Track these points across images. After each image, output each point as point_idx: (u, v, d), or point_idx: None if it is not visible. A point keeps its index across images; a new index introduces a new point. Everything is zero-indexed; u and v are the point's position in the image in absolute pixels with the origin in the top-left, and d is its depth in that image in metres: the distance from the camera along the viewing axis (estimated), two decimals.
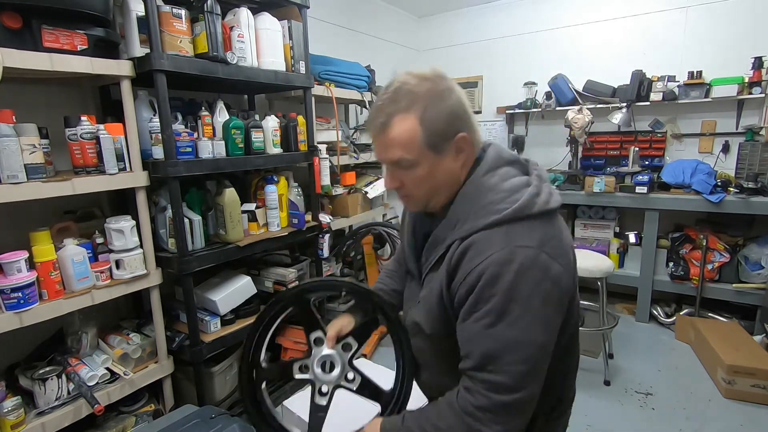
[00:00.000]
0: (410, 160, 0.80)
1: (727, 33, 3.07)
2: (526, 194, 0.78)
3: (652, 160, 3.36)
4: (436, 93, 0.78)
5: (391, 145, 0.80)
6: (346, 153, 2.80)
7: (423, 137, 0.78)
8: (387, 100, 0.79)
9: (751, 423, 2.11)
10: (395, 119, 0.78)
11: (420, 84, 0.78)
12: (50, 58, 1.42)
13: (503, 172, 0.83)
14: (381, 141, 0.81)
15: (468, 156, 0.83)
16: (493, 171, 0.82)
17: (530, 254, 0.73)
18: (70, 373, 1.60)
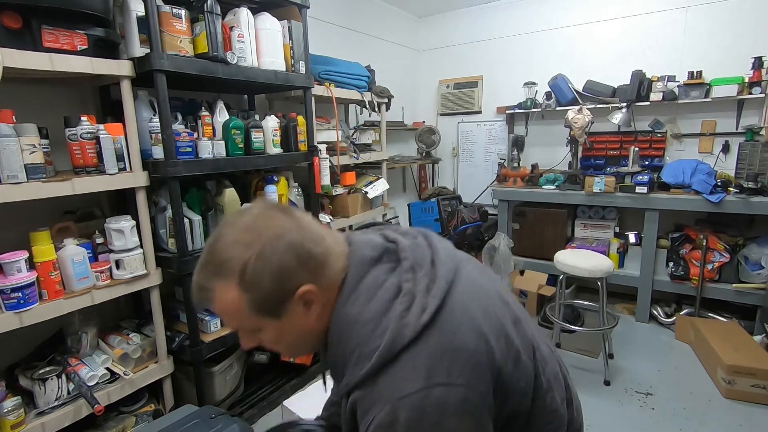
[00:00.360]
0: (250, 328, 0.70)
1: (727, 33, 3.07)
2: (394, 319, 0.63)
3: (652, 160, 3.36)
4: (257, 249, 0.64)
5: (222, 315, 0.69)
6: (346, 153, 2.80)
7: (251, 306, 0.65)
8: (203, 263, 0.67)
9: (751, 423, 2.11)
10: (215, 288, 0.66)
11: (238, 238, 0.65)
12: (50, 58, 1.42)
13: (368, 285, 0.68)
14: (213, 308, 0.68)
15: (325, 301, 0.69)
16: (355, 291, 0.68)
17: (416, 402, 0.59)
18: (70, 373, 1.61)
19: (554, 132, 3.77)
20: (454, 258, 0.74)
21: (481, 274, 0.78)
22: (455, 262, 0.73)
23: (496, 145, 4.17)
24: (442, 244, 0.77)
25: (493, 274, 0.91)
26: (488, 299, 0.72)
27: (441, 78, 4.40)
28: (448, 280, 0.68)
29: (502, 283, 0.88)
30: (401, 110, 4.15)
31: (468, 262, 0.79)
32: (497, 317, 0.70)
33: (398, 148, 4.23)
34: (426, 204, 3.49)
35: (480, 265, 0.83)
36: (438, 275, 0.68)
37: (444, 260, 0.71)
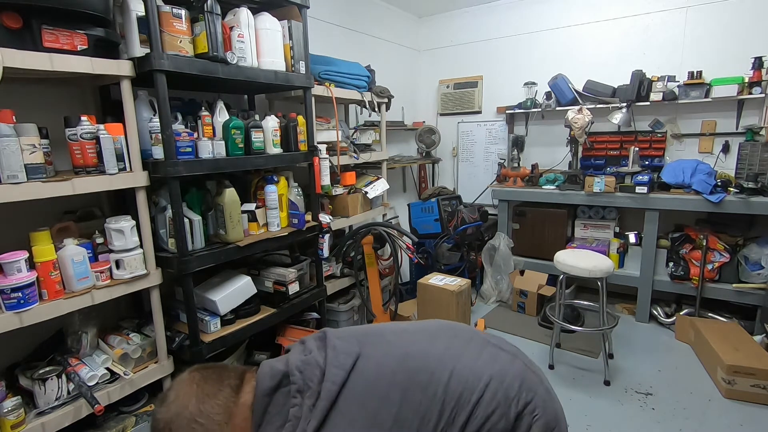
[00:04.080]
0: None
1: (727, 33, 3.07)
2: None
3: (652, 160, 3.36)
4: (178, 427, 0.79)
5: None
6: (346, 153, 2.80)
7: None
8: None
9: (751, 423, 2.11)
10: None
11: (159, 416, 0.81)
12: (50, 58, 1.42)
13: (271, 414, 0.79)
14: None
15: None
16: (261, 423, 0.80)
17: None
18: (70, 373, 1.61)
19: (554, 132, 3.77)
20: (351, 354, 0.83)
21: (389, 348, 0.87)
22: (352, 358, 0.83)
23: (496, 145, 4.18)
24: (337, 342, 0.86)
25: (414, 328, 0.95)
26: (386, 393, 0.79)
27: (441, 78, 4.40)
28: (331, 396, 0.77)
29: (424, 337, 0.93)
30: (401, 110, 4.15)
31: (377, 341, 0.89)
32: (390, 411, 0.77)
33: (398, 148, 4.23)
34: (426, 204, 3.49)
35: (397, 330, 0.93)
36: (323, 393, 0.77)
37: (332, 370, 0.80)
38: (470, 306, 2.64)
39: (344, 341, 0.87)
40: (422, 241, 3.41)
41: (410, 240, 2.93)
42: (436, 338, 0.92)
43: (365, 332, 0.94)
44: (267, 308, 2.24)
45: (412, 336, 0.92)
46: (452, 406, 0.80)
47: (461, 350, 0.89)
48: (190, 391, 0.82)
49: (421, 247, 3.39)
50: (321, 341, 0.89)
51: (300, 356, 0.85)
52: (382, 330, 0.96)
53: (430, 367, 0.84)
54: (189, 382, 0.84)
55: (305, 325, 2.47)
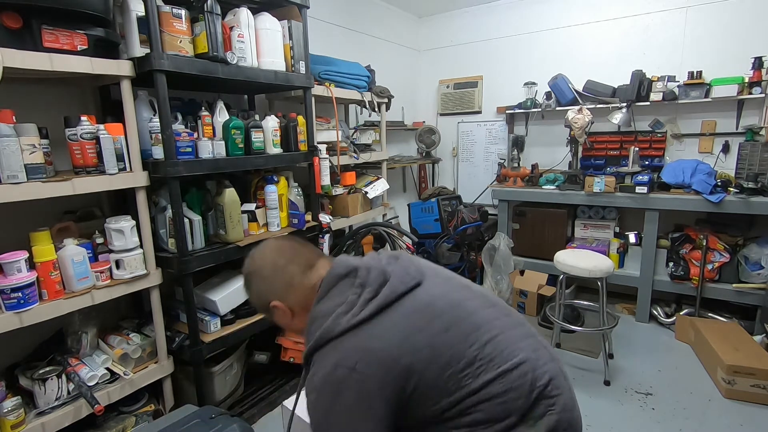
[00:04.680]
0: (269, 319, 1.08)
1: (727, 33, 3.07)
2: (332, 318, 0.89)
3: (652, 160, 3.35)
4: (250, 279, 1.06)
5: None
6: (346, 153, 2.80)
7: (257, 307, 1.08)
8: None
9: (751, 423, 2.11)
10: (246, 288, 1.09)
11: (245, 272, 1.07)
12: (50, 58, 1.42)
13: (333, 293, 0.95)
14: None
15: (297, 309, 1.02)
16: (324, 295, 0.97)
17: (325, 376, 0.85)
18: (70, 373, 1.61)
19: (554, 132, 3.77)
20: (416, 280, 0.95)
21: (449, 292, 0.97)
22: (415, 282, 0.95)
23: (496, 145, 4.18)
24: (410, 266, 0.99)
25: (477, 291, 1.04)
26: (429, 320, 0.89)
27: (441, 78, 4.40)
28: (387, 300, 0.90)
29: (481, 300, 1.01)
30: (401, 110, 4.15)
31: (443, 283, 1.00)
32: (420, 334, 0.87)
33: (398, 148, 4.23)
34: (426, 204, 3.49)
35: (462, 284, 1.03)
36: (380, 294, 0.90)
37: (395, 282, 0.93)
38: None
39: (413, 266, 0.99)
40: (422, 241, 3.41)
41: (410, 240, 2.93)
42: (490, 306, 0.99)
43: (435, 270, 1.05)
44: None
45: (472, 294, 1.00)
46: (481, 364, 0.87)
47: (508, 327, 0.95)
48: (277, 254, 1.04)
49: (421, 247, 3.39)
50: (394, 258, 1.02)
51: (372, 261, 0.99)
52: (449, 275, 1.06)
53: (476, 323, 0.92)
54: (278, 249, 1.06)
55: None
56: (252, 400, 2.25)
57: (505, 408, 0.86)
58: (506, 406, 0.86)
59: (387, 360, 0.84)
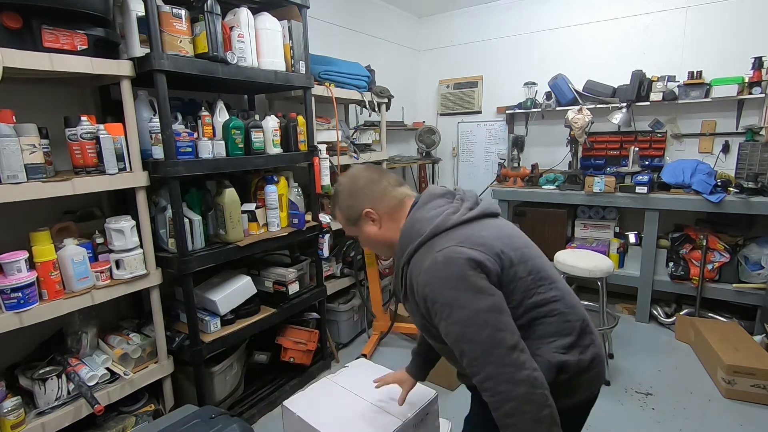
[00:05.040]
0: (353, 233, 1.17)
1: (727, 33, 3.07)
2: (442, 215, 1.00)
3: (652, 160, 3.36)
4: (343, 192, 1.13)
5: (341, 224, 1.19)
6: (346, 153, 2.80)
7: (345, 219, 1.15)
8: (331, 201, 1.20)
9: (751, 423, 2.11)
10: (335, 212, 1.18)
11: (339, 187, 1.15)
12: (50, 58, 1.42)
13: (431, 205, 1.05)
14: None
15: (387, 219, 1.10)
16: (422, 206, 1.06)
17: (447, 252, 0.93)
18: (70, 373, 1.61)
19: (554, 132, 3.77)
20: (492, 209, 1.09)
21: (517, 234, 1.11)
22: (493, 210, 1.09)
23: (496, 145, 4.18)
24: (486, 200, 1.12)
25: None
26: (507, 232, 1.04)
27: (441, 78, 4.40)
28: (485, 210, 1.05)
29: None
30: (401, 110, 4.15)
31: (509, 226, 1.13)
32: (509, 240, 1.01)
33: (398, 148, 4.23)
34: None
35: None
36: (479, 207, 1.05)
37: (486, 205, 1.07)
38: None
39: None
40: None
41: None
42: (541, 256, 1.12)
43: None
44: (267, 308, 2.24)
45: None
46: (550, 282, 1.02)
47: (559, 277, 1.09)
48: (367, 172, 1.14)
49: None
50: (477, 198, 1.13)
51: (462, 190, 1.12)
52: None
53: (544, 259, 1.08)
54: (369, 167, 1.16)
55: (305, 325, 2.47)
56: (252, 400, 2.25)
57: (567, 326, 1.00)
58: (568, 325, 1.00)
59: (494, 247, 0.96)
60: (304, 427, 1.36)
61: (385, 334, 2.89)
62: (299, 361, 2.39)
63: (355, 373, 1.60)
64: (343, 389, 1.50)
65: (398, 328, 2.88)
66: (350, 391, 1.48)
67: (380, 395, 1.42)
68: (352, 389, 1.49)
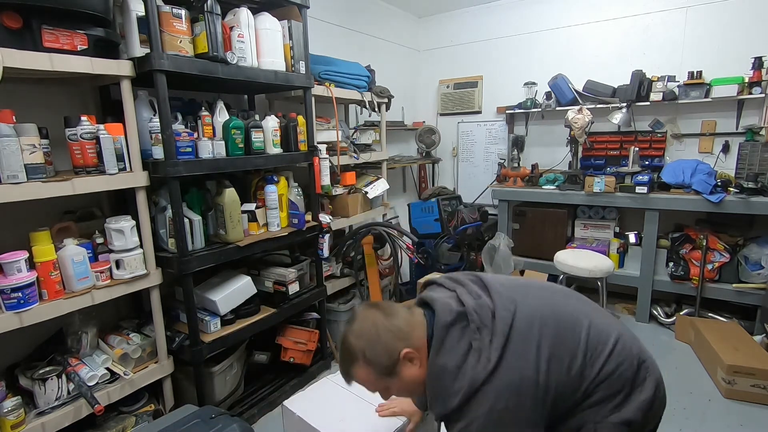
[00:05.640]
0: (382, 388, 1.04)
1: (727, 33, 3.07)
2: (470, 369, 0.92)
3: (652, 160, 3.35)
4: (366, 339, 0.99)
5: (363, 385, 1.05)
6: (346, 153, 2.80)
7: (376, 374, 1.00)
8: (341, 359, 1.04)
9: (751, 423, 2.11)
10: (352, 370, 1.02)
11: (354, 338, 1.00)
12: (50, 58, 1.42)
13: (448, 345, 0.96)
14: (356, 383, 1.05)
15: (420, 357, 1.00)
16: (441, 349, 0.97)
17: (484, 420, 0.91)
18: (70, 373, 1.61)
19: (554, 132, 3.77)
20: (512, 300, 0.99)
21: (538, 299, 1.03)
22: (513, 304, 0.99)
23: (496, 145, 4.18)
24: (499, 288, 1.02)
25: (550, 286, 1.13)
26: (541, 333, 0.96)
27: (441, 78, 4.40)
28: (505, 333, 0.94)
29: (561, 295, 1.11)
30: (401, 110, 4.15)
31: (527, 292, 1.04)
32: (546, 348, 0.95)
33: (398, 148, 4.23)
34: (426, 204, 3.49)
35: (538, 286, 1.09)
36: (497, 330, 0.94)
37: (502, 312, 0.97)
38: None
39: (504, 288, 1.03)
40: (422, 241, 3.41)
41: (410, 240, 2.94)
42: (569, 298, 1.08)
43: (514, 283, 1.09)
44: (267, 308, 2.24)
45: (552, 294, 1.08)
46: (591, 353, 0.97)
47: (591, 310, 1.06)
48: (375, 312, 1.02)
49: (421, 247, 3.39)
50: (483, 286, 1.04)
51: (471, 299, 1.00)
52: (528, 283, 1.11)
53: (573, 317, 1.01)
54: (370, 307, 1.04)
55: (305, 325, 2.47)
56: (252, 400, 2.25)
57: (619, 381, 0.97)
58: (620, 379, 0.97)
59: (529, 387, 0.92)
60: (304, 427, 1.37)
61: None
62: (299, 361, 2.39)
63: None
64: (343, 389, 1.51)
65: None
66: (350, 392, 1.48)
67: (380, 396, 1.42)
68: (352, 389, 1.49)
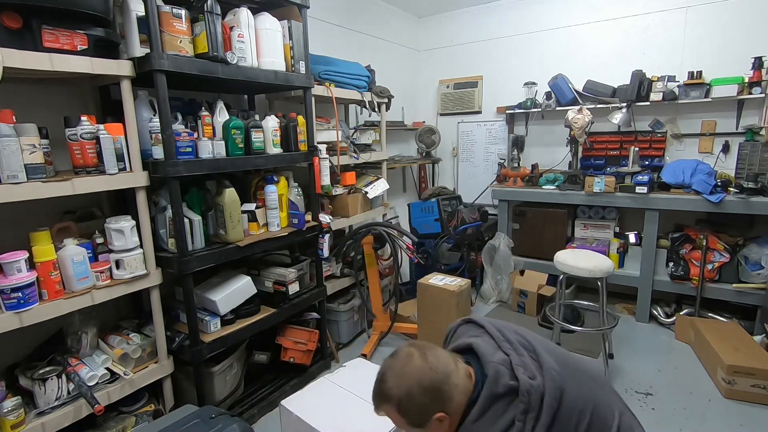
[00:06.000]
0: (407, 430, 1.03)
1: (727, 33, 3.07)
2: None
3: (652, 160, 3.35)
4: (405, 391, 0.98)
5: (391, 420, 1.05)
6: (346, 153, 2.80)
7: (404, 421, 1.00)
8: (376, 392, 1.04)
9: (751, 423, 2.11)
10: (384, 407, 1.03)
11: (393, 382, 1.00)
12: (50, 58, 1.42)
13: (490, 415, 0.95)
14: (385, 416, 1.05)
15: (453, 419, 0.99)
16: (482, 415, 0.96)
17: None
18: (70, 373, 1.61)
19: (554, 132, 3.77)
20: (560, 388, 0.98)
21: (582, 388, 1.02)
22: (560, 392, 0.98)
23: (496, 145, 4.18)
24: (550, 368, 1.01)
25: (597, 375, 1.14)
26: (578, 424, 0.97)
27: (441, 78, 4.40)
28: (547, 425, 0.94)
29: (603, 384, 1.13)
30: (401, 110, 4.15)
31: (573, 378, 1.03)
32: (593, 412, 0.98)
33: (398, 148, 4.23)
34: (426, 204, 3.49)
35: (584, 372, 1.09)
36: (542, 420, 0.94)
37: (550, 400, 0.96)
38: (470, 306, 2.64)
39: (555, 369, 1.01)
40: (422, 241, 3.41)
41: (410, 240, 2.94)
42: (602, 387, 1.10)
43: (563, 361, 1.06)
44: (267, 308, 2.24)
45: (594, 384, 1.08)
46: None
47: (621, 405, 1.08)
48: (421, 361, 0.99)
49: (421, 247, 3.39)
50: (534, 356, 1.04)
51: (526, 377, 0.98)
52: (576, 366, 1.09)
53: (609, 412, 1.03)
54: (416, 351, 1.01)
55: (305, 325, 2.47)
56: (252, 400, 2.25)
57: None
58: None
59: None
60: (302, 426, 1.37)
61: (385, 334, 2.89)
62: (299, 361, 2.39)
63: (352, 372, 1.61)
64: (340, 388, 1.51)
65: (398, 328, 2.88)
66: (348, 391, 1.49)
67: None
68: (349, 388, 1.50)
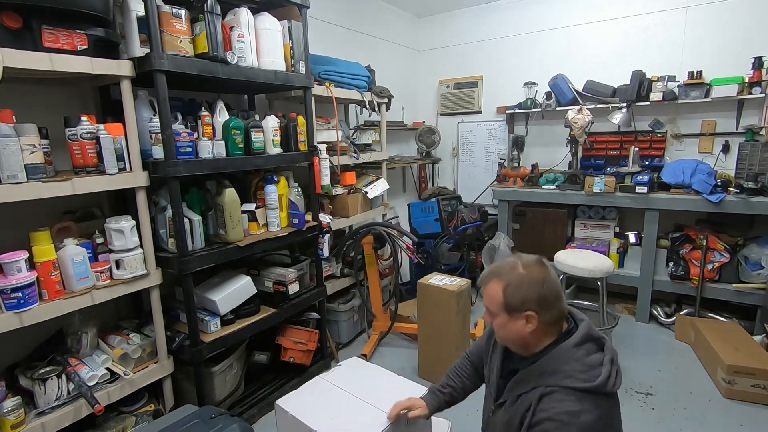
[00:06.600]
0: (494, 311, 1.14)
1: (727, 33, 3.07)
2: (602, 376, 1.02)
3: (652, 160, 3.36)
4: (518, 279, 1.09)
5: (485, 296, 1.16)
6: (346, 153, 2.80)
7: (501, 302, 1.11)
8: (492, 267, 1.17)
9: (751, 423, 2.11)
10: (492, 282, 1.14)
11: (514, 265, 1.12)
12: (50, 58, 1.42)
13: (587, 348, 1.08)
14: (484, 291, 1.17)
15: (541, 329, 1.09)
16: (580, 345, 1.07)
17: (591, 420, 0.99)
18: (70, 373, 1.61)
19: (554, 132, 3.77)
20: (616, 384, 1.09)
21: None
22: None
23: (496, 145, 4.18)
24: None
25: None
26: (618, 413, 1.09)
27: (441, 78, 4.40)
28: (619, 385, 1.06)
29: None
30: (401, 110, 4.15)
31: None
32: None
33: (398, 148, 4.23)
34: (426, 204, 3.49)
35: None
36: (619, 375, 1.07)
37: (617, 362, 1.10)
38: (470, 306, 2.64)
39: None
40: (422, 241, 3.41)
41: (410, 240, 2.94)
42: None
43: None
44: (267, 308, 2.24)
45: None
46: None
47: None
48: (543, 273, 1.09)
49: (421, 247, 3.39)
50: None
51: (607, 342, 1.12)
52: None
53: None
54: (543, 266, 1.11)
55: (305, 325, 2.47)
56: (252, 400, 2.25)
57: None
58: None
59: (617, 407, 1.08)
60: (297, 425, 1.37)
61: (385, 334, 2.89)
62: (299, 361, 2.39)
63: (348, 371, 1.61)
64: (336, 388, 1.51)
65: (398, 328, 2.88)
66: (343, 390, 1.49)
67: (373, 394, 1.42)
68: (345, 388, 1.50)
